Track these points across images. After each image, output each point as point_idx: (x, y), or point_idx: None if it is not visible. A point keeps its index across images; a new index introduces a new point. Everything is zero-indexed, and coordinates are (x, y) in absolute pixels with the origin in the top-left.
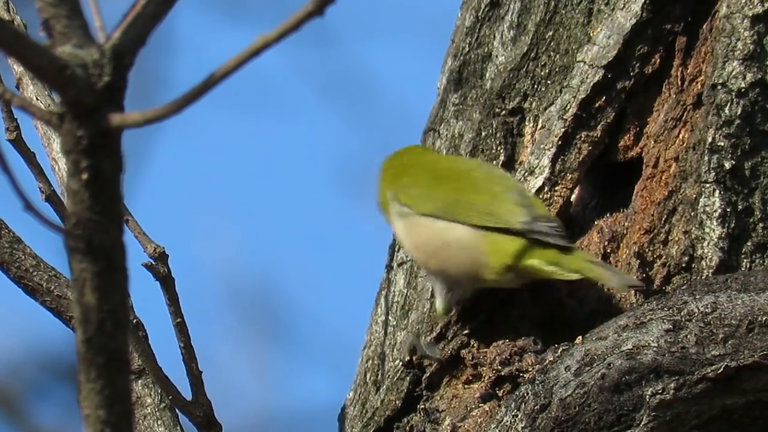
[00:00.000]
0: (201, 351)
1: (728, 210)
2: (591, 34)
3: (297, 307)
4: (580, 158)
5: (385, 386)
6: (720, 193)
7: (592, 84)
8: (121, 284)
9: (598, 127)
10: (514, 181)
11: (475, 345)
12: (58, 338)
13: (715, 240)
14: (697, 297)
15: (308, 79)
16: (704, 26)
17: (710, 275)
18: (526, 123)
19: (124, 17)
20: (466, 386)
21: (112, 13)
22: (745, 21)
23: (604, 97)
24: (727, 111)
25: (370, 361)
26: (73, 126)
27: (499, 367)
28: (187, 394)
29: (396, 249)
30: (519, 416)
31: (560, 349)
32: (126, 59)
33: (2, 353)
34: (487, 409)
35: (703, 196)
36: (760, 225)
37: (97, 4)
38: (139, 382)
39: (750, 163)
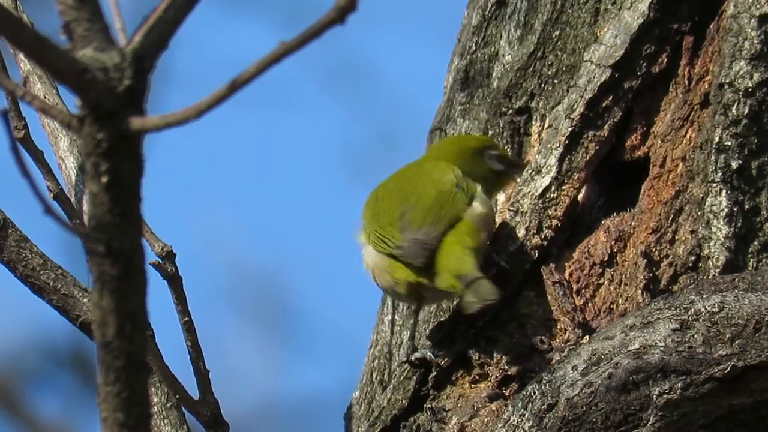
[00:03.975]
0: (208, 348)
1: (735, 209)
2: (598, 34)
3: (303, 301)
4: (587, 157)
5: (391, 385)
6: (727, 192)
7: (599, 83)
8: (140, 287)
9: (605, 127)
10: (416, 195)
11: (482, 344)
12: (61, 329)
13: (722, 239)
14: (704, 296)
15: (312, 70)
16: (711, 26)
17: (717, 275)
18: (533, 122)
19: (144, 21)
20: (472, 385)
21: (133, 17)
22: (753, 21)
23: (611, 97)
24: (734, 110)
25: (377, 360)
26: (93, 129)
27: (506, 367)
28: (195, 393)
29: None
30: (526, 416)
31: (567, 348)
32: (147, 63)
33: (4, 343)
34: (494, 408)
35: (710, 196)
36: (767, 224)
37: (118, 7)
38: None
39: (757, 163)
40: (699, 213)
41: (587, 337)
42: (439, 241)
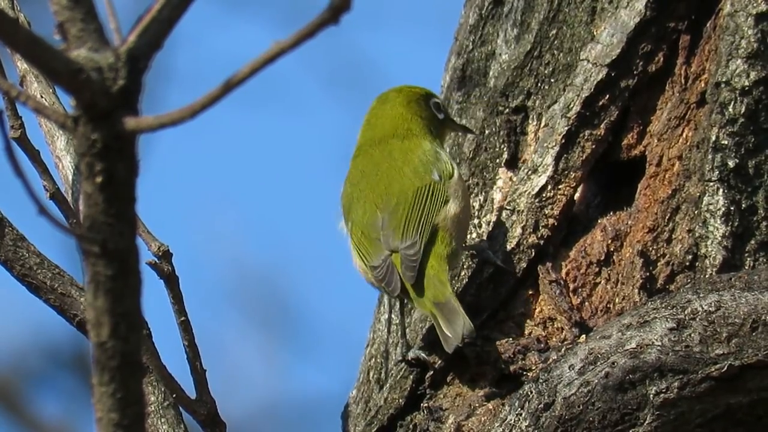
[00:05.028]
0: (209, 348)
1: (732, 208)
2: (595, 33)
3: (304, 301)
4: (584, 156)
5: (388, 384)
6: (724, 191)
7: (595, 82)
8: (135, 287)
9: (602, 126)
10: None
11: (478, 343)
12: (61, 329)
13: (719, 238)
14: (701, 296)
15: (313, 69)
16: (708, 24)
17: (714, 274)
18: (530, 121)
19: (138, 21)
20: (469, 384)
21: (128, 17)
22: (749, 19)
23: (607, 96)
24: (730, 109)
25: (374, 359)
26: (87, 129)
27: (503, 366)
28: (191, 392)
29: None
30: (523, 415)
31: (564, 347)
32: (141, 63)
33: (5, 344)
34: (491, 407)
35: (706, 195)
36: (764, 223)
37: (112, 7)
38: (143, 380)
39: (754, 162)
40: (696, 212)
41: (584, 336)
42: (421, 256)
